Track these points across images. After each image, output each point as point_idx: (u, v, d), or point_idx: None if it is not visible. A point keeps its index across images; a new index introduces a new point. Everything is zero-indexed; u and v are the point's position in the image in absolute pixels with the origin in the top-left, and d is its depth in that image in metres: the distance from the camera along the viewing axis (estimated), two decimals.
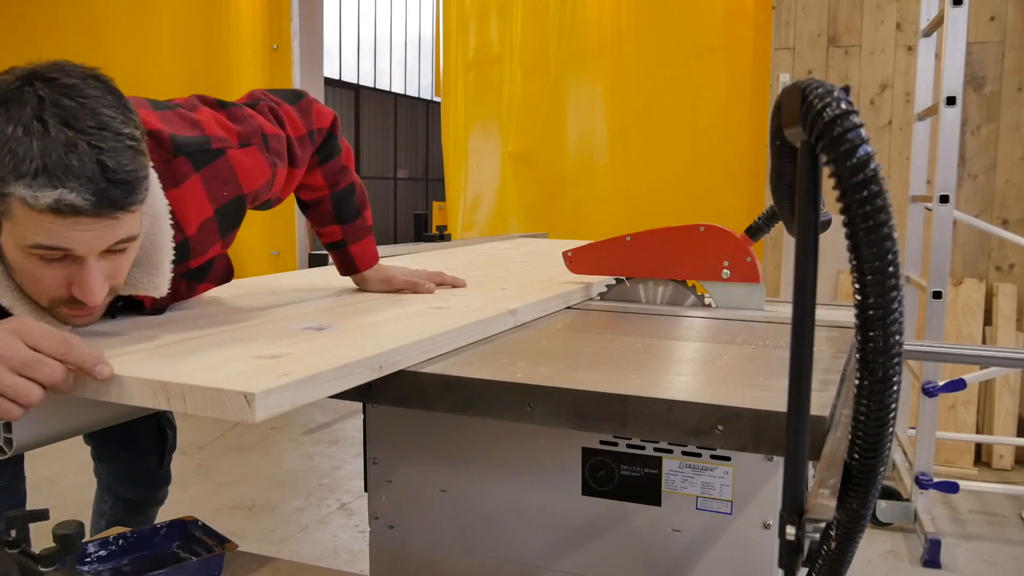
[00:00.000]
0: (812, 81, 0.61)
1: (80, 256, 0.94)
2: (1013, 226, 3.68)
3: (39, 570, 0.97)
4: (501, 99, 4.90)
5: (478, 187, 5.01)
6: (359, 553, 2.81)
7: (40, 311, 1.01)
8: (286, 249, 4.90)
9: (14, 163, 0.88)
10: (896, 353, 0.59)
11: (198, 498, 3.25)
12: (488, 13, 4.90)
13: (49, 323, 0.99)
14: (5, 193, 0.89)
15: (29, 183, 0.87)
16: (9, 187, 0.88)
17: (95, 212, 0.90)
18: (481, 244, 2.95)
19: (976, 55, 3.70)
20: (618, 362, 1.07)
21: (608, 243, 1.60)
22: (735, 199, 4.27)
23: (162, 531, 1.29)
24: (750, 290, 1.52)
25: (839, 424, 0.84)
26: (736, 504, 1.00)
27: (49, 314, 1.01)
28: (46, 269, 0.95)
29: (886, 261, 0.57)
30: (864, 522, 0.67)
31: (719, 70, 4.30)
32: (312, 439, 4.03)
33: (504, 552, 1.13)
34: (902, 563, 2.73)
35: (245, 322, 1.15)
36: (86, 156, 0.89)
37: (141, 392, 0.83)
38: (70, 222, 0.90)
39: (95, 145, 0.90)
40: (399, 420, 1.17)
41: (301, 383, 0.82)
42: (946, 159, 2.78)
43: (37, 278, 0.96)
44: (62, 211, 0.88)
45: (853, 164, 0.57)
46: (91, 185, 0.89)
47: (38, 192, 0.87)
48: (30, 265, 0.95)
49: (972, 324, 3.66)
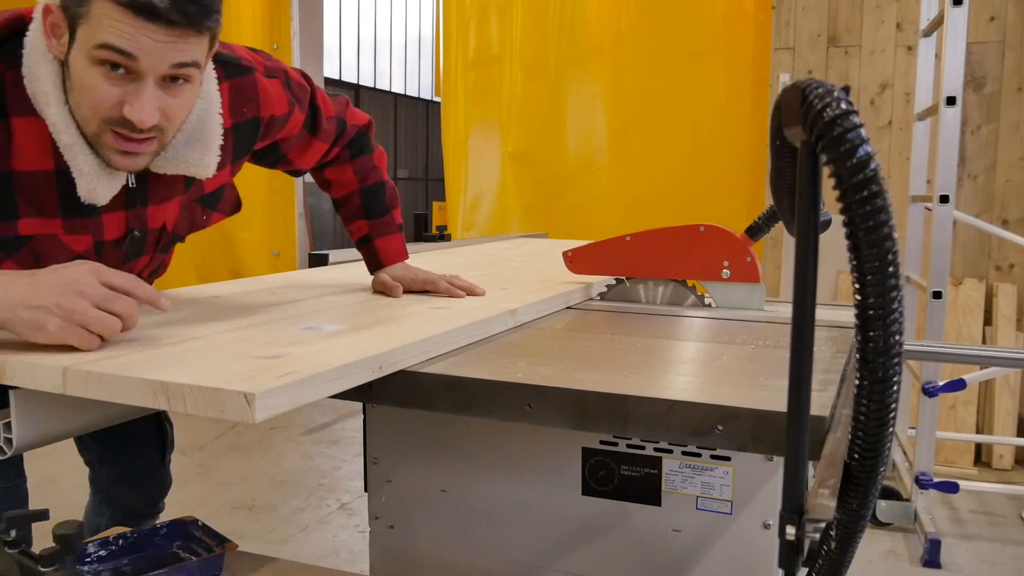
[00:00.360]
0: (812, 81, 0.61)
1: (140, 73, 0.98)
2: (1013, 226, 3.68)
3: (39, 570, 0.97)
4: (501, 99, 4.90)
5: (478, 187, 5.01)
6: (359, 553, 2.81)
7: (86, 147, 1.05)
8: (286, 249, 4.90)
9: None
10: (896, 353, 0.59)
11: (198, 498, 3.25)
12: (488, 13, 4.90)
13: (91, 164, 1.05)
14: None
15: None
16: None
17: (167, 20, 0.95)
18: (481, 244, 2.95)
19: (976, 55, 3.70)
20: (618, 362, 1.07)
21: (608, 243, 1.60)
22: (735, 199, 4.27)
23: (162, 531, 1.29)
24: (750, 290, 1.52)
25: (839, 424, 0.84)
26: (736, 504, 1.00)
27: (95, 148, 1.05)
28: (105, 83, 0.99)
29: (886, 261, 0.57)
30: (864, 522, 0.67)
31: (719, 70, 4.30)
32: (312, 439, 4.03)
33: (504, 552, 1.13)
34: (902, 563, 2.74)
35: (245, 322, 1.15)
36: None
37: (141, 392, 0.83)
38: (142, 25, 0.95)
39: None
40: (399, 420, 1.17)
41: (301, 383, 0.82)
42: (946, 159, 2.78)
43: (95, 92, 0.99)
44: (139, 8, 0.94)
45: (853, 164, 0.57)
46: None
47: None
48: (92, 77, 0.98)
49: (972, 324, 3.66)
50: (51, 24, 1.01)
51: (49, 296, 0.87)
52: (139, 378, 0.83)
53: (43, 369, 0.87)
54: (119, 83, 0.99)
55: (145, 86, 1.00)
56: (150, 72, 0.99)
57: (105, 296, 0.91)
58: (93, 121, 1.03)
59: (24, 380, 0.89)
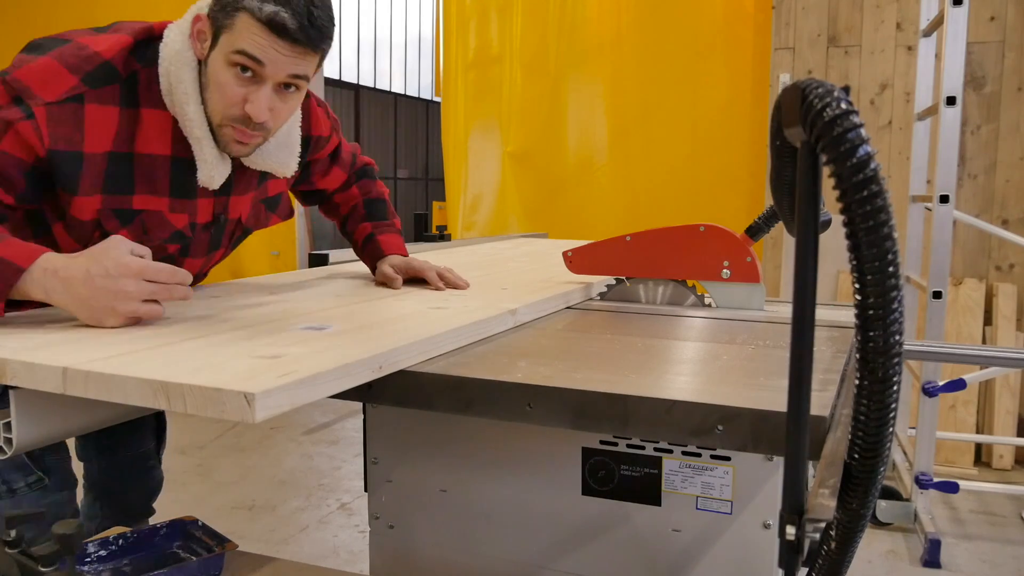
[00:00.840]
0: (812, 81, 0.61)
1: (263, 78, 1.21)
2: (1013, 226, 3.68)
3: (39, 570, 0.97)
4: (501, 99, 4.90)
5: (478, 187, 5.01)
6: (359, 553, 2.81)
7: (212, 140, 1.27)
8: (286, 249, 4.90)
9: None
10: (896, 353, 0.59)
11: (198, 498, 3.25)
12: (488, 13, 4.90)
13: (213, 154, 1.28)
14: (239, 7, 1.18)
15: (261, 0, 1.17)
16: (244, 2, 1.17)
17: (293, 39, 1.18)
18: (481, 244, 2.95)
19: (976, 55, 3.70)
20: (618, 362, 1.07)
21: (608, 243, 1.60)
22: (735, 199, 4.27)
23: (162, 531, 1.29)
24: (750, 290, 1.52)
25: (839, 424, 0.84)
26: (736, 504, 1.00)
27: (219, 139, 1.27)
28: (235, 83, 1.21)
29: (886, 261, 0.57)
30: (864, 522, 0.67)
31: (719, 70, 4.30)
32: (312, 439, 4.03)
33: (504, 552, 1.13)
34: (902, 563, 2.74)
35: (245, 322, 1.15)
36: (303, 1, 1.19)
37: (141, 392, 0.83)
38: (274, 40, 1.18)
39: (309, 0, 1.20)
40: (399, 420, 1.17)
41: (301, 383, 0.82)
42: (946, 159, 2.78)
43: (226, 89, 1.22)
44: (274, 26, 1.17)
45: (853, 164, 0.57)
46: (299, 18, 1.18)
47: (264, 5, 1.17)
48: (226, 76, 1.21)
49: (972, 324, 3.66)
50: (198, 30, 1.24)
51: (104, 299, 1.05)
52: (139, 378, 0.83)
53: (43, 369, 0.87)
54: (245, 84, 1.22)
55: (265, 89, 1.22)
56: (271, 78, 1.22)
57: (150, 293, 1.08)
58: (220, 114, 1.25)
59: (24, 380, 0.89)
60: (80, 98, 1.20)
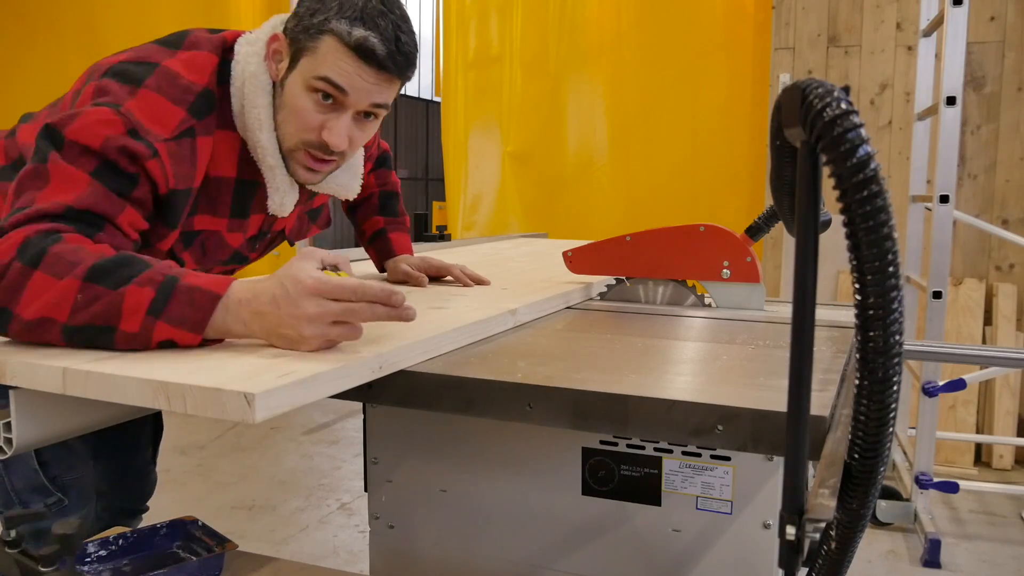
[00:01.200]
0: (812, 81, 0.61)
1: (344, 106, 1.15)
2: (1013, 226, 3.68)
3: (39, 570, 0.97)
4: (501, 99, 4.89)
5: (478, 187, 5.01)
6: (359, 553, 2.81)
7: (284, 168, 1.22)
8: (286, 249, 4.90)
9: (340, 8, 1.11)
10: (896, 353, 0.59)
11: (198, 498, 3.25)
12: (488, 13, 4.90)
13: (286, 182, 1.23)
14: (324, 29, 1.11)
15: (349, 23, 1.10)
16: (331, 23, 1.11)
17: (379, 65, 1.12)
18: (481, 244, 2.95)
19: (976, 55, 3.70)
20: (618, 362, 1.07)
21: (608, 243, 1.60)
22: (735, 199, 4.27)
23: (162, 531, 1.29)
24: (750, 290, 1.52)
25: (839, 424, 0.84)
26: (736, 504, 1.00)
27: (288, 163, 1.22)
28: (314, 109, 1.15)
29: (886, 261, 0.57)
30: (864, 522, 0.67)
31: (719, 70, 4.30)
32: (312, 439, 4.03)
33: (504, 552, 1.13)
34: (902, 563, 2.74)
35: None
36: (391, 25, 1.13)
37: (141, 392, 0.83)
38: (361, 67, 1.12)
39: (396, 23, 1.14)
40: (399, 420, 1.17)
41: (301, 383, 0.82)
42: (946, 159, 2.78)
43: (304, 116, 1.15)
44: (362, 52, 1.11)
45: (853, 164, 0.57)
46: (387, 44, 1.12)
47: (353, 29, 1.10)
48: (304, 101, 1.15)
49: (972, 324, 3.66)
50: (274, 50, 1.18)
51: (294, 326, 0.93)
52: (139, 378, 0.83)
53: (43, 369, 0.87)
54: (324, 111, 1.16)
55: (344, 117, 1.16)
56: (353, 106, 1.16)
57: (338, 313, 0.94)
58: (294, 139, 1.19)
59: (24, 380, 0.89)
60: (192, 131, 1.13)
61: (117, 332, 0.91)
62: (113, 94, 1.10)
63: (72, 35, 4.99)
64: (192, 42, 1.20)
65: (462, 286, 1.56)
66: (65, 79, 1.39)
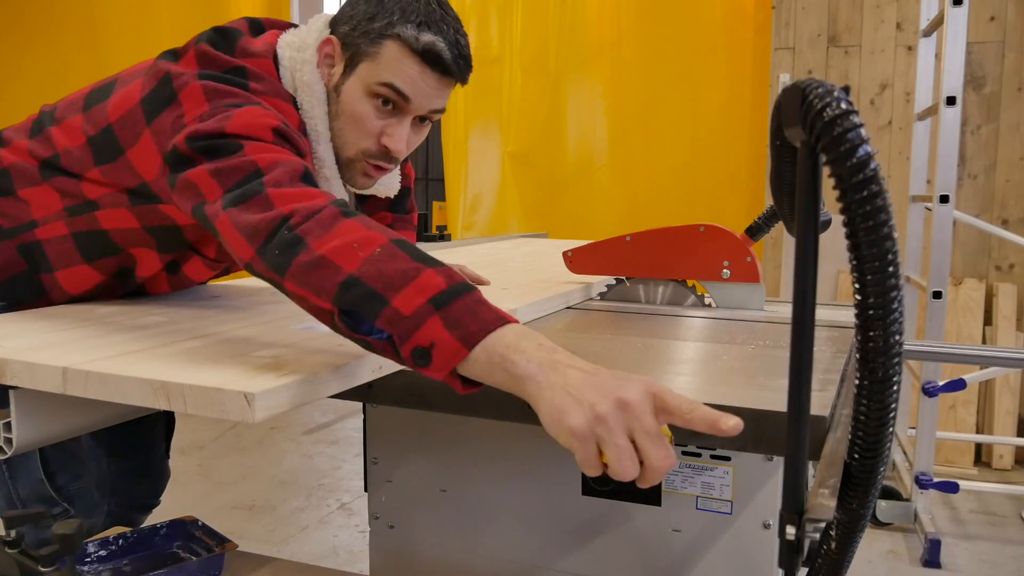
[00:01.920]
0: (812, 81, 0.61)
1: (404, 112, 1.13)
2: (1013, 226, 3.68)
3: (39, 570, 0.97)
4: (501, 99, 4.89)
5: (478, 187, 5.00)
6: (359, 553, 2.81)
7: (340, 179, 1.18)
8: None
9: (403, 12, 1.09)
10: (896, 353, 0.59)
11: (198, 498, 3.25)
12: (488, 13, 4.89)
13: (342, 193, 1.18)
14: (387, 34, 1.09)
15: (415, 27, 1.08)
16: (395, 28, 1.08)
17: (444, 70, 1.11)
18: (481, 244, 2.95)
19: (976, 55, 3.70)
20: (618, 362, 1.07)
21: (608, 243, 1.60)
22: (735, 199, 4.27)
23: (162, 531, 1.29)
24: (750, 290, 1.52)
25: (839, 424, 0.84)
26: (736, 504, 1.00)
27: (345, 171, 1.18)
28: (374, 115, 1.13)
29: (886, 261, 0.57)
30: (864, 522, 0.67)
31: (719, 70, 4.29)
32: (312, 439, 4.03)
33: (504, 552, 1.13)
34: (902, 563, 2.74)
35: (245, 322, 1.15)
36: (452, 31, 1.12)
37: (141, 392, 0.83)
38: (424, 72, 1.10)
39: (455, 27, 1.13)
40: (399, 420, 1.17)
41: (301, 383, 0.82)
42: (946, 159, 2.78)
43: (364, 123, 1.13)
44: (428, 56, 1.09)
45: (853, 164, 0.57)
46: (452, 49, 1.11)
47: (420, 34, 1.08)
48: (365, 108, 1.12)
49: (972, 324, 3.66)
50: (326, 54, 1.14)
51: (594, 393, 0.70)
52: (139, 378, 0.83)
53: (43, 369, 0.87)
54: (384, 116, 1.14)
55: (405, 122, 1.14)
56: (413, 112, 1.14)
57: (647, 430, 0.70)
58: (353, 148, 1.16)
59: (24, 380, 0.89)
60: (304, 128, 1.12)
61: (388, 306, 0.78)
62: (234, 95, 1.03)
63: (72, 35, 4.99)
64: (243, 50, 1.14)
65: None
66: (65, 79, 1.38)
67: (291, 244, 0.84)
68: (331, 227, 0.84)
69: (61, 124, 1.22)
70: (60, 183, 1.18)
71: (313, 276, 0.82)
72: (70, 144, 1.18)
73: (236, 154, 0.95)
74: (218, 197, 0.93)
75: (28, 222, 1.21)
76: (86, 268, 1.23)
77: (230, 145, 0.96)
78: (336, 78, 1.14)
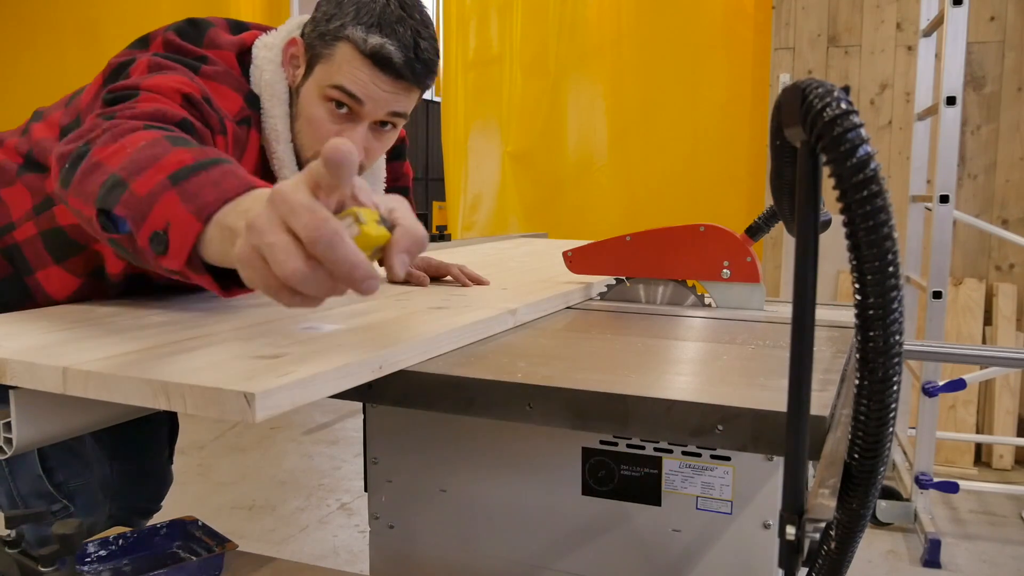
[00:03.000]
0: (812, 81, 0.61)
1: (359, 116, 1.11)
2: (1013, 226, 3.68)
3: (39, 570, 0.97)
4: (501, 99, 4.89)
5: (478, 187, 5.01)
6: (359, 553, 2.81)
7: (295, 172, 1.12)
8: None
9: (357, 13, 1.07)
10: (896, 353, 0.59)
11: (198, 498, 3.25)
12: (488, 13, 4.89)
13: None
14: (340, 36, 1.07)
15: (365, 29, 1.06)
16: (347, 29, 1.06)
17: (396, 74, 1.08)
18: (481, 244, 2.95)
19: (976, 55, 3.70)
20: (618, 362, 1.07)
21: (608, 243, 1.60)
22: (735, 199, 4.27)
23: (162, 531, 1.29)
24: (750, 290, 1.52)
25: (839, 424, 0.84)
26: (736, 504, 1.00)
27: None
28: (328, 120, 1.11)
29: (886, 261, 0.57)
30: (864, 522, 0.67)
31: (719, 70, 4.29)
32: (312, 439, 4.03)
33: (504, 552, 1.13)
34: (902, 563, 2.74)
35: (245, 322, 1.15)
36: (410, 32, 1.08)
37: (141, 392, 0.83)
38: (376, 76, 1.07)
39: (416, 29, 1.09)
40: (399, 420, 1.17)
41: (301, 383, 0.82)
42: (946, 159, 2.78)
43: (318, 126, 1.11)
44: (377, 59, 1.06)
45: (853, 164, 0.57)
46: (405, 51, 1.07)
47: (369, 36, 1.05)
48: (319, 111, 1.10)
49: (972, 324, 3.66)
50: (291, 55, 1.13)
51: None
52: (139, 378, 0.83)
53: (43, 369, 0.87)
54: (339, 121, 1.11)
55: (360, 128, 1.12)
56: (368, 116, 1.12)
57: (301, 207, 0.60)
58: (311, 150, 1.15)
59: (24, 380, 0.89)
60: (248, 121, 1.09)
61: (127, 190, 0.70)
62: (177, 70, 1.02)
63: (72, 35, 4.99)
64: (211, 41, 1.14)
65: (461, 286, 1.56)
66: (65, 79, 1.38)
67: (80, 156, 0.79)
68: (123, 136, 0.78)
69: (45, 119, 1.21)
70: (29, 180, 1.16)
71: (86, 183, 0.75)
72: (43, 136, 1.16)
73: (129, 101, 0.92)
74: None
75: (7, 224, 1.18)
76: (58, 270, 1.20)
77: (130, 95, 0.94)
78: (299, 79, 1.13)
